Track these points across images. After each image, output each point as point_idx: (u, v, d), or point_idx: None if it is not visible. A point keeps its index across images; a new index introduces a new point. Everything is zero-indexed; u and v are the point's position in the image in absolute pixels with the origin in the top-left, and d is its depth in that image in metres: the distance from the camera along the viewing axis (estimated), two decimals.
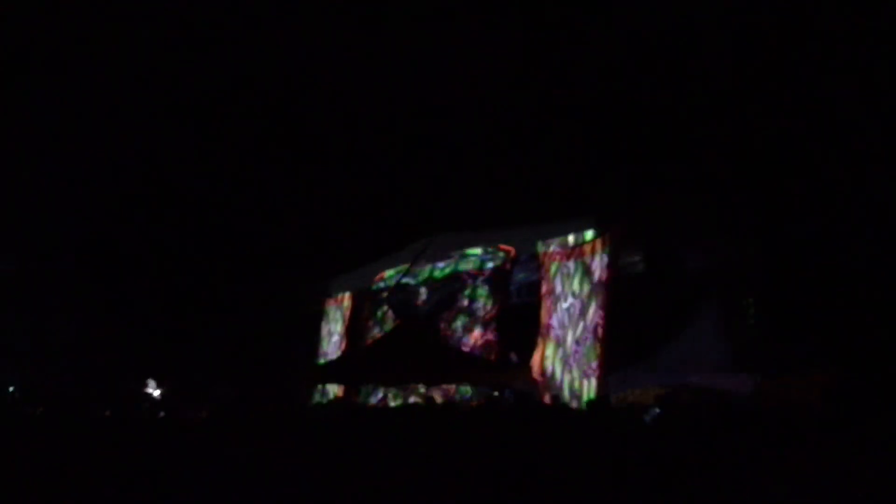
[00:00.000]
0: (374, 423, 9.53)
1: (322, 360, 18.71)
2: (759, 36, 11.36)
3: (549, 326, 13.74)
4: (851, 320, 11.26)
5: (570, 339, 13.23)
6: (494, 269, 15.54)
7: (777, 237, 12.43)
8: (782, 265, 12.13)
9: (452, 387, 14.70)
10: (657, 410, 9.56)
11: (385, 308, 17.75)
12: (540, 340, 13.79)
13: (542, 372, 13.45)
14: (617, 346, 12.53)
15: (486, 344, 15.03)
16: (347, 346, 18.26)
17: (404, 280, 17.36)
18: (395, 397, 15.71)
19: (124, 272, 18.54)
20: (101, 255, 18.30)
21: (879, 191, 11.36)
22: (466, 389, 14.53)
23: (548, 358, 13.48)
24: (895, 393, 9.23)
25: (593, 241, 13.17)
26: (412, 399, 14.66)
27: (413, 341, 14.16)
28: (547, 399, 12.68)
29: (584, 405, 11.85)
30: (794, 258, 12.08)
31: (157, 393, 13.34)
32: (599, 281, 12.83)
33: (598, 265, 12.89)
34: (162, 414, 11.42)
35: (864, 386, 10.08)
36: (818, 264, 11.68)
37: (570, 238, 13.69)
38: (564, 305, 13.49)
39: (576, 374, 12.79)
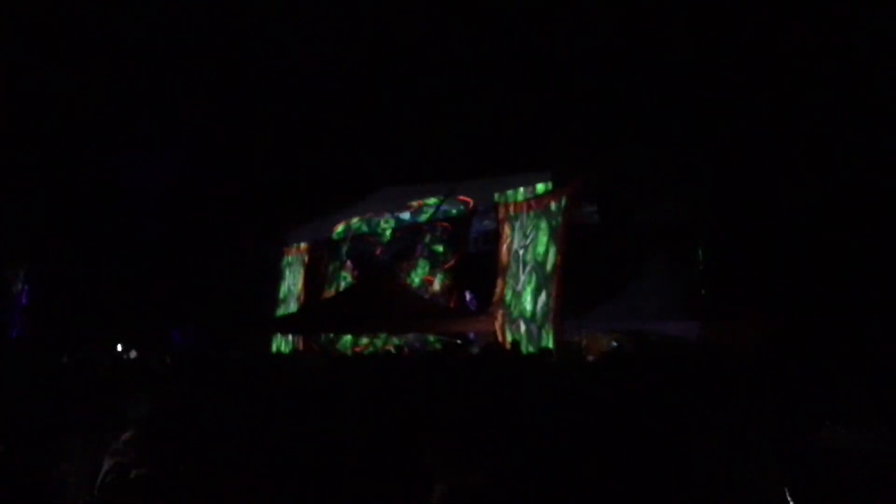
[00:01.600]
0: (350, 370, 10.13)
1: (281, 310, 19.27)
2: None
3: (507, 274, 14.45)
4: (793, 270, 12.28)
5: (527, 286, 14.01)
6: (453, 218, 16.17)
7: (724, 190, 13.32)
8: (729, 217, 13.08)
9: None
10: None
11: (344, 258, 18.31)
12: (499, 287, 14.50)
13: (502, 318, 14.19)
14: (572, 295, 13.32)
15: (446, 292, 15.72)
16: (306, 296, 18.82)
17: (363, 231, 17.91)
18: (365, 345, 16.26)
19: (83, 226, 18.68)
20: (59, 207, 18.40)
21: (821, 145, 12.24)
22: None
23: (507, 305, 14.22)
24: (828, 336, 10.29)
25: (551, 192, 13.85)
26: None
27: (374, 291, 14.75)
28: (507, 344, 13.38)
29: (538, 351, 12.69)
30: (740, 210, 13.02)
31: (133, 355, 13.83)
32: (556, 231, 13.35)
33: (556, 216, 13.45)
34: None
35: (801, 330, 11.14)
36: (763, 216, 12.64)
37: (529, 189, 14.36)
38: (522, 254, 14.19)
39: (535, 321, 13.57)
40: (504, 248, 14.69)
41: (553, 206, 13.63)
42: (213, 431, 6.38)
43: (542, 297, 13.45)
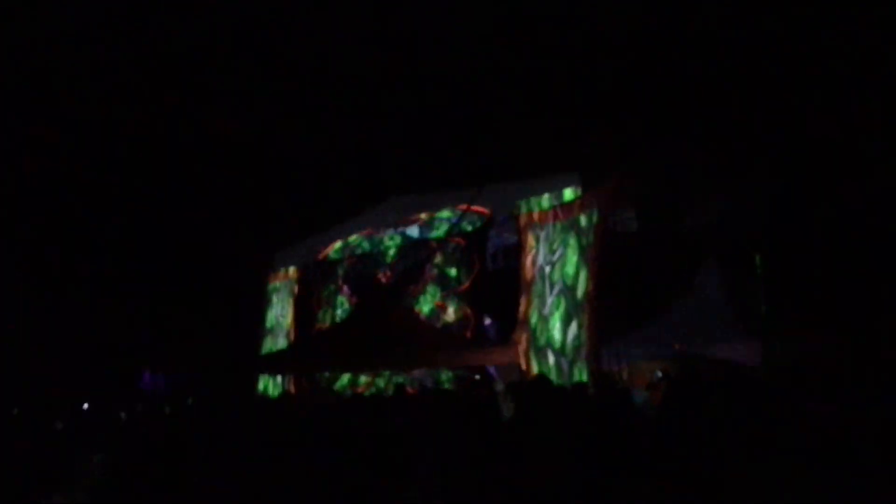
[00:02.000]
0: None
1: (268, 344, 19.06)
2: None
3: (532, 292, 13.87)
4: (866, 280, 11.92)
5: (555, 310, 13.62)
6: (467, 234, 15.90)
7: (786, 186, 12.99)
8: (792, 219, 12.73)
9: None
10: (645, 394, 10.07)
11: (340, 282, 18.09)
12: (523, 306, 13.96)
13: (526, 343, 13.65)
14: (610, 317, 12.94)
15: (461, 321, 15.44)
16: (297, 329, 18.59)
17: (363, 249, 17.71)
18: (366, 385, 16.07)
19: (58, 257, 18.75)
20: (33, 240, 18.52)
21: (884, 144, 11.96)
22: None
23: (533, 328, 13.61)
24: None
25: (580, 198, 13.51)
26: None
27: (376, 320, 14.51)
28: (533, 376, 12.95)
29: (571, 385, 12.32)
30: (804, 211, 12.68)
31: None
32: (587, 251, 12.83)
33: (587, 233, 12.94)
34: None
35: (878, 348, 10.82)
36: (831, 219, 12.29)
37: (554, 196, 14.05)
38: (549, 271, 13.79)
39: (565, 355, 13.06)
40: (528, 261, 14.15)
41: (583, 219, 12.99)
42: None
43: (573, 327, 12.74)
